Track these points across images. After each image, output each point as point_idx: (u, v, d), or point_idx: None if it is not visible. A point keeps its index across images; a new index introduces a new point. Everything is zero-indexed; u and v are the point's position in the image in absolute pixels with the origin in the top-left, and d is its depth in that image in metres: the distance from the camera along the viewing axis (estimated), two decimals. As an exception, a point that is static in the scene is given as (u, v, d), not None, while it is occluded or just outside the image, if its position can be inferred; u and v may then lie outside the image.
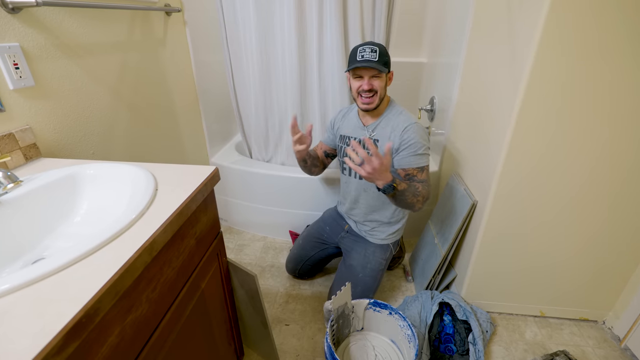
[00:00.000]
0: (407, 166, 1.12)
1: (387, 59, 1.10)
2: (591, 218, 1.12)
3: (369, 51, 1.06)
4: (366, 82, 1.08)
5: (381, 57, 1.06)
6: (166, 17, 1.39)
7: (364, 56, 1.06)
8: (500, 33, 1.09)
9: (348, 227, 1.37)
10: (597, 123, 0.98)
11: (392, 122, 1.15)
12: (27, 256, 0.62)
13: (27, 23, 0.80)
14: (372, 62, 1.05)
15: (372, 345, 1.09)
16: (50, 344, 0.35)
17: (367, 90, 1.09)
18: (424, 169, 1.12)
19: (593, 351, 1.20)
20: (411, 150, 1.10)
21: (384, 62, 1.08)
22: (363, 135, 1.20)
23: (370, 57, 1.05)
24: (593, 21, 0.86)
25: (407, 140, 1.10)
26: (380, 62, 1.06)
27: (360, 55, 1.07)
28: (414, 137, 1.10)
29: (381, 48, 1.07)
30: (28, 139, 0.81)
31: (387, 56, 1.10)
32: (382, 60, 1.07)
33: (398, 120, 1.14)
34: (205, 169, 0.76)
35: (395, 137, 1.12)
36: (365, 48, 1.07)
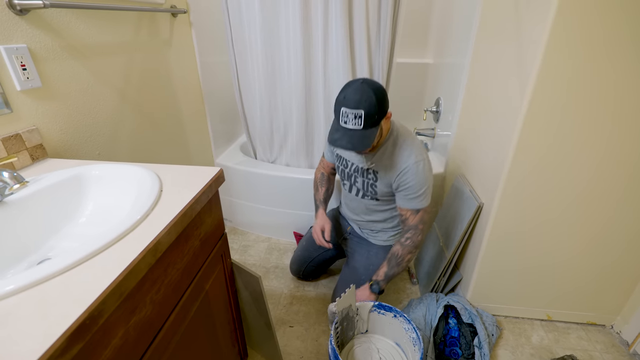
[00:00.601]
0: (403, 207, 1.07)
1: (377, 115, 0.91)
2: (597, 218, 1.10)
3: (352, 118, 0.90)
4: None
5: (368, 120, 0.89)
6: (172, 19, 1.40)
7: (347, 123, 0.91)
8: (507, 33, 1.08)
9: (350, 229, 1.36)
10: (604, 123, 0.96)
11: (392, 156, 1.05)
12: (33, 257, 0.62)
13: (35, 24, 0.81)
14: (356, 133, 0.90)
15: (376, 348, 1.08)
16: (54, 346, 0.35)
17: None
18: (419, 211, 1.05)
19: (601, 356, 1.18)
20: (406, 193, 1.04)
21: (374, 122, 0.91)
22: (360, 163, 1.11)
23: (354, 125, 0.90)
24: (599, 21, 0.85)
25: (404, 183, 1.03)
26: (367, 126, 0.90)
27: (343, 121, 0.92)
28: (411, 181, 1.02)
29: (368, 108, 0.88)
30: (35, 140, 0.81)
31: (378, 112, 0.90)
32: (370, 122, 0.90)
33: (398, 158, 1.04)
34: (210, 170, 0.76)
35: (392, 177, 1.05)
36: (348, 114, 0.90)
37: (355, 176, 1.16)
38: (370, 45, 1.42)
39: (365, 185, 1.15)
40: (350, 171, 1.18)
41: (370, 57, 1.44)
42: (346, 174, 1.20)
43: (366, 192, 1.16)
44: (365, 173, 1.12)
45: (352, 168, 1.16)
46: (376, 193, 1.13)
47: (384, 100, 0.93)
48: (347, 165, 1.18)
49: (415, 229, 1.07)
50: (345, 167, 1.19)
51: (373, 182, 1.11)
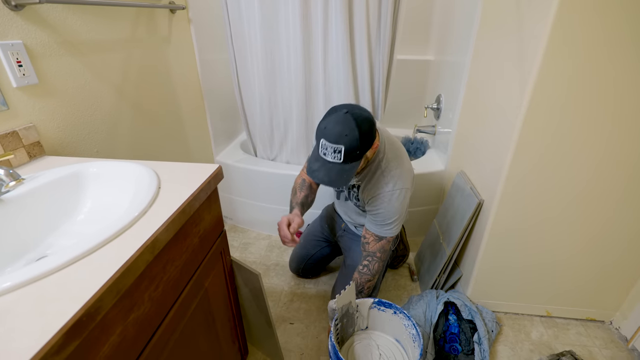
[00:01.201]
0: (368, 229, 1.07)
1: (359, 151, 0.86)
2: (597, 215, 1.10)
3: (331, 151, 0.85)
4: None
5: (348, 154, 0.85)
6: (170, 15, 1.39)
7: (326, 155, 0.86)
8: (508, 30, 1.07)
9: (345, 225, 1.35)
10: (604, 121, 0.96)
11: (372, 179, 1.02)
12: (31, 254, 0.62)
13: (30, 20, 0.80)
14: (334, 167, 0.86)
15: (376, 345, 1.08)
16: (50, 343, 0.35)
17: None
18: (382, 239, 1.04)
19: (600, 351, 1.18)
20: (374, 218, 1.03)
21: (355, 156, 0.86)
22: None
23: (332, 158, 0.85)
24: (599, 20, 0.84)
25: (374, 209, 1.01)
26: (347, 160, 0.86)
27: (322, 152, 0.87)
28: (380, 208, 1.00)
29: (348, 145, 0.83)
30: (32, 137, 0.81)
31: (359, 147, 0.85)
32: (350, 157, 0.86)
33: (376, 183, 1.01)
34: (209, 167, 0.76)
35: (368, 196, 1.03)
36: (328, 147, 0.85)
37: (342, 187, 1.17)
38: (370, 42, 1.41)
39: (351, 195, 1.17)
40: None
41: (371, 53, 1.43)
42: None
43: (352, 200, 1.18)
44: (350, 186, 1.14)
45: None
46: (363, 204, 1.11)
47: (369, 133, 0.87)
48: None
49: (373, 257, 1.06)
50: None
51: (356, 195, 1.13)
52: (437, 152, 1.77)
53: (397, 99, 1.93)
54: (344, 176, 0.88)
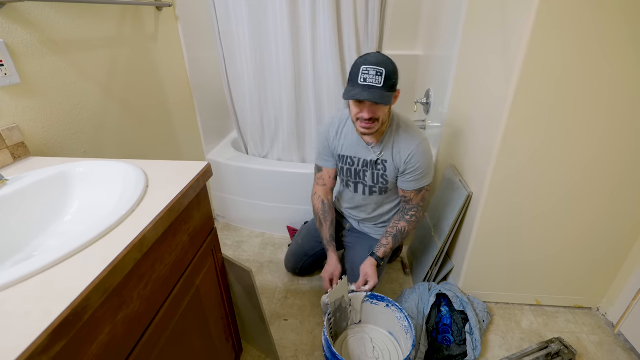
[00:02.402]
0: (406, 189, 1.11)
1: (395, 80, 0.94)
2: (587, 210, 1.12)
3: (373, 74, 0.89)
4: (367, 111, 0.95)
5: (387, 81, 0.90)
6: (157, 12, 1.37)
7: (367, 80, 0.90)
8: (493, 24, 1.08)
9: (349, 225, 1.36)
10: (593, 116, 0.97)
11: (398, 145, 1.07)
12: (18, 256, 0.61)
13: (11, 19, 0.78)
14: (376, 90, 0.90)
15: (370, 338, 1.09)
16: (36, 343, 0.35)
17: (367, 118, 0.97)
18: (421, 190, 1.11)
19: (587, 337, 1.21)
20: (413, 175, 1.08)
21: (391, 86, 0.92)
22: (369, 157, 1.11)
23: (374, 82, 0.89)
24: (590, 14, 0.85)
25: (412, 167, 1.06)
26: (385, 87, 0.91)
27: (362, 78, 0.90)
28: (417, 163, 1.05)
29: (388, 68, 0.91)
30: (16, 138, 0.79)
31: (395, 76, 0.94)
32: (389, 84, 0.91)
33: (403, 142, 1.06)
34: (197, 165, 0.75)
35: (400, 162, 1.07)
36: (369, 70, 0.90)
37: (364, 171, 1.15)
38: (358, 36, 1.41)
39: (375, 177, 1.14)
40: (358, 167, 1.15)
41: (359, 48, 1.43)
42: (353, 173, 1.17)
43: (375, 186, 1.16)
44: (374, 166, 1.12)
45: (361, 163, 1.14)
46: (387, 183, 1.13)
47: (398, 74, 0.96)
48: (353, 163, 1.15)
49: (418, 207, 1.14)
50: (351, 164, 1.16)
51: (383, 173, 1.12)
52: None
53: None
54: (384, 98, 0.91)
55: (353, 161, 1.16)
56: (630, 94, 0.93)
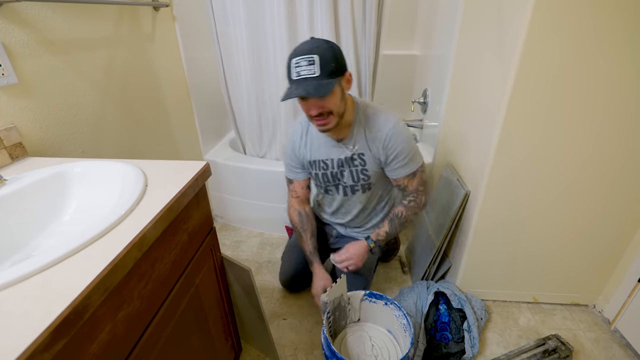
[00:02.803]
0: (397, 177, 1.03)
1: (335, 63, 0.82)
2: (584, 208, 1.13)
3: (305, 65, 0.80)
4: (313, 107, 0.86)
5: (324, 67, 0.80)
6: (154, 13, 1.37)
7: (300, 73, 0.81)
8: (489, 22, 1.09)
9: (336, 232, 1.31)
10: (590, 113, 0.98)
11: (369, 130, 0.98)
12: (17, 256, 0.61)
13: (8, 19, 0.78)
14: (311, 83, 0.80)
15: (368, 336, 1.10)
16: (37, 341, 0.35)
17: (316, 115, 0.88)
18: (415, 174, 1.02)
19: (584, 334, 1.23)
20: (398, 161, 0.98)
21: (330, 72, 0.82)
22: (343, 154, 1.02)
23: (308, 73, 0.80)
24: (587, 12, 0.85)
25: (393, 151, 0.97)
26: (324, 75, 0.80)
27: (296, 73, 0.82)
28: (399, 145, 0.95)
29: (322, 53, 0.80)
30: (13, 138, 0.79)
31: (334, 60, 0.82)
32: (327, 70, 0.81)
33: (375, 128, 0.97)
34: (196, 164, 0.75)
35: (378, 150, 0.97)
36: (300, 61, 0.80)
37: (341, 172, 1.07)
38: (356, 36, 1.41)
39: (355, 175, 1.06)
40: (334, 170, 1.07)
41: (357, 48, 1.44)
42: (330, 176, 1.09)
43: (356, 185, 1.09)
44: (351, 162, 1.04)
45: (335, 164, 1.06)
46: (368, 178, 1.05)
47: (340, 54, 0.85)
48: (327, 166, 1.07)
49: (417, 192, 1.04)
50: (325, 168, 1.07)
51: (362, 168, 1.04)
52: (425, 146, 1.79)
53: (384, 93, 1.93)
54: (321, 89, 0.81)
55: (326, 164, 1.06)
56: (627, 92, 0.94)
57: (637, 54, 0.89)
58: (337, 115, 0.91)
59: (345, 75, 0.88)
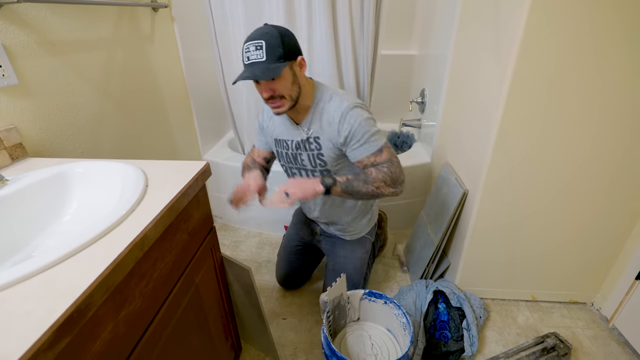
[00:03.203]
0: (360, 157, 0.95)
1: (282, 48, 0.84)
2: (581, 206, 1.14)
3: (253, 50, 0.83)
4: (263, 89, 0.88)
5: (271, 52, 0.83)
6: (153, 13, 1.37)
7: (250, 57, 0.84)
8: (486, 21, 1.09)
9: (320, 229, 1.31)
10: (587, 113, 0.98)
11: (325, 115, 0.96)
12: (17, 256, 0.61)
13: (8, 20, 0.78)
14: (258, 66, 0.83)
15: (368, 335, 1.10)
16: (41, 340, 0.35)
17: (267, 98, 0.90)
18: (382, 150, 0.93)
19: (582, 332, 1.23)
20: (355, 140, 0.93)
21: (278, 56, 0.84)
22: (299, 137, 1.02)
23: (256, 57, 0.83)
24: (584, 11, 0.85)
25: (347, 131, 0.93)
26: (271, 59, 0.83)
27: (246, 57, 0.85)
28: (354, 123, 0.92)
29: (269, 39, 0.83)
30: (13, 139, 0.79)
31: (282, 44, 0.84)
32: (274, 55, 0.83)
33: (330, 109, 0.95)
34: (196, 164, 0.76)
35: (332, 132, 0.95)
36: (249, 46, 0.84)
37: (300, 154, 1.05)
38: (354, 37, 1.42)
39: (312, 159, 1.03)
40: (293, 151, 1.06)
41: (355, 48, 1.44)
42: (291, 157, 1.08)
43: (315, 170, 1.05)
44: (307, 145, 1.02)
45: (293, 145, 1.05)
46: (325, 164, 1.02)
47: (289, 38, 0.87)
48: (288, 146, 1.06)
49: (390, 162, 0.93)
50: (286, 148, 1.07)
51: (318, 152, 1.01)
52: (423, 145, 1.80)
53: (382, 93, 1.94)
54: (268, 72, 0.83)
55: (287, 144, 1.06)
56: (624, 90, 0.95)
57: (634, 53, 0.90)
58: (290, 99, 0.92)
59: (297, 59, 0.90)
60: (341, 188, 0.91)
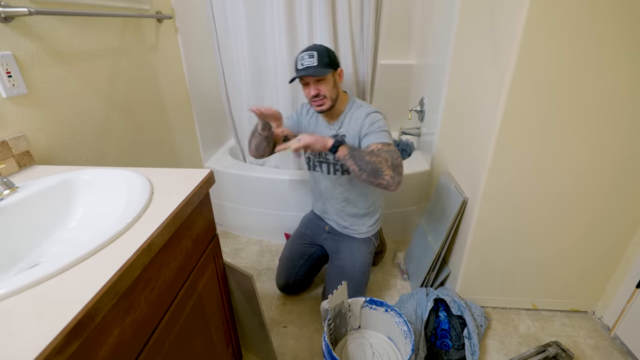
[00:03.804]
0: (371, 142, 1.06)
1: (329, 59, 1.08)
2: (581, 214, 1.15)
3: (307, 57, 1.07)
4: (312, 88, 1.09)
5: (321, 59, 1.06)
6: (157, 24, 1.40)
7: (303, 64, 1.07)
8: (483, 29, 1.12)
9: (329, 227, 1.36)
10: (587, 121, 1.00)
11: (354, 116, 1.16)
12: (22, 263, 0.62)
13: (20, 32, 0.81)
14: (311, 68, 1.05)
15: (369, 343, 1.10)
16: (52, 344, 0.36)
17: (314, 95, 1.10)
18: (389, 145, 1.05)
19: (584, 341, 1.23)
20: (373, 128, 1.08)
21: (325, 64, 1.07)
22: (329, 133, 1.19)
23: (309, 63, 1.06)
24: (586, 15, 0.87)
25: (369, 123, 1.10)
26: (320, 65, 1.06)
27: (300, 64, 1.08)
28: (373, 120, 1.10)
29: (320, 50, 1.07)
30: (21, 147, 0.81)
31: (329, 56, 1.09)
32: (322, 62, 1.06)
33: (359, 112, 1.15)
34: (201, 172, 0.77)
35: (358, 127, 1.14)
36: (304, 55, 1.07)
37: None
38: (354, 47, 1.45)
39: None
40: None
41: (355, 58, 1.47)
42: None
43: (337, 164, 1.20)
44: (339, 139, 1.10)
45: None
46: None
47: (333, 53, 1.12)
48: None
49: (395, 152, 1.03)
50: None
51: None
52: (423, 153, 1.82)
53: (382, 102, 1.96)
54: (318, 72, 1.06)
55: None
56: (625, 98, 0.96)
57: (635, 60, 0.91)
58: (330, 99, 1.12)
59: (338, 70, 1.13)
60: (348, 150, 0.99)
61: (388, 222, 1.64)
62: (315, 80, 1.08)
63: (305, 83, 1.11)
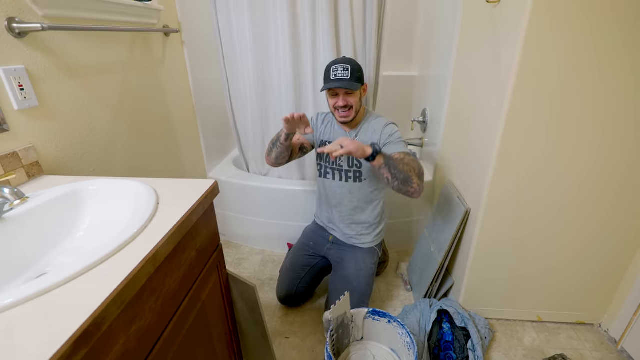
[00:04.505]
0: (394, 151, 1.11)
1: (360, 74, 1.15)
2: (585, 223, 1.15)
3: (341, 70, 1.12)
4: (341, 99, 1.15)
5: (353, 74, 1.12)
6: (165, 38, 1.44)
7: (337, 75, 1.12)
8: (484, 42, 1.14)
9: (333, 238, 1.37)
10: (591, 129, 1.00)
11: (371, 126, 1.23)
12: (29, 273, 0.63)
13: (32, 46, 0.84)
14: (345, 81, 1.11)
15: (372, 355, 1.09)
16: (59, 352, 0.36)
17: (342, 106, 1.16)
18: (409, 153, 1.11)
19: (591, 354, 1.21)
20: (393, 139, 1.16)
21: (357, 78, 1.13)
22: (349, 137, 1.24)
23: (343, 75, 1.12)
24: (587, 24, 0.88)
25: (388, 133, 1.17)
26: (352, 79, 1.12)
27: (334, 75, 1.13)
28: (391, 131, 1.18)
29: (353, 65, 1.13)
30: (31, 158, 0.83)
31: (360, 71, 1.15)
32: (355, 76, 1.12)
33: (377, 123, 1.22)
34: (205, 183, 0.78)
35: (376, 135, 1.19)
36: (338, 67, 1.13)
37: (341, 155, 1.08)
38: (357, 59, 1.47)
39: (350, 160, 1.24)
40: None
41: (358, 71, 1.50)
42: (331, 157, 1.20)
43: (350, 171, 1.24)
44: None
45: None
46: (360, 166, 1.22)
47: (362, 70, 1.18)
48: None
49: (418, 161, 1.11)
50: None
51: None
52: (425, 164, 1.83)
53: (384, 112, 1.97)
54: (352, 86, 1.12)
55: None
56: (627, 105, 0.96)
57: (636, 66, 0.92)
58: (354, 112, 1.19)
59: (364, 85, 1.20)
60: (384, 159, 1.05)
61: (391, 232, 1.64)
62: (345, 93, 1.14)
63: (334, 94, 1.17)
